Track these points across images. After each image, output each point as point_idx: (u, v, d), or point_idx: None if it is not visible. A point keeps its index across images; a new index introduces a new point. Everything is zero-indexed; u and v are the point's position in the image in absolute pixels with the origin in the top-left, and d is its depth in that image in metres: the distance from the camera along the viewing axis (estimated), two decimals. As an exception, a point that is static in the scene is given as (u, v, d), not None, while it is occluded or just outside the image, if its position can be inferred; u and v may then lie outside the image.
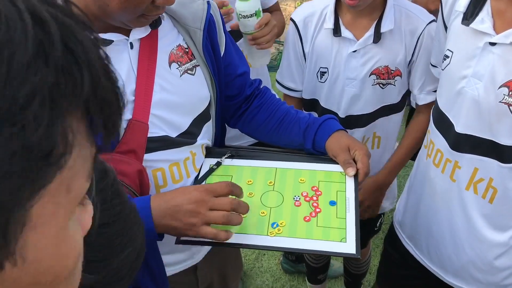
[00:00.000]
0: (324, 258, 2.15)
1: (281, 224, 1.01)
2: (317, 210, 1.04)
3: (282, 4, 4.62)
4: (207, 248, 1.23)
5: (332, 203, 1.06)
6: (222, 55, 1.13)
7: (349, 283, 2.26)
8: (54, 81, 0.27)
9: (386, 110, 1.53)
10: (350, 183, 1.10)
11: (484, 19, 1.05)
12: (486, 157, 1.10)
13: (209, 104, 1.13)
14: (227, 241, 0.95)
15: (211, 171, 1.13)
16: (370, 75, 1.44)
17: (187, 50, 1.06)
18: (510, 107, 1.02)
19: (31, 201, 0.27)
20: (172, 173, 1.05)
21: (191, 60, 1.07)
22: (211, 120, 1.15)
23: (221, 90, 1.15)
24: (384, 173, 1.62)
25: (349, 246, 0.97)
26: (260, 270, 2.55)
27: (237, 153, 1.18)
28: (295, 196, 1.08)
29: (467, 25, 1.08)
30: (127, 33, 0.96)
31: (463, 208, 1.18)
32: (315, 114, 1.58)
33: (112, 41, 0.93)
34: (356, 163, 1.10)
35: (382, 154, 1.63)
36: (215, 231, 0.91)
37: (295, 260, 2.46)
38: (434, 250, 1.31)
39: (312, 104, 1.59)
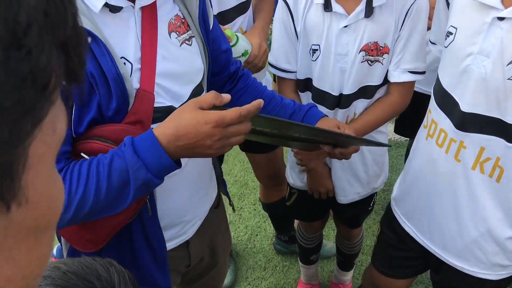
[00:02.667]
0: (316, 239, 2.14)
1: None
2: None
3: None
4: (198, 223, 1.24)
5: None
6: (210, 28, 1.13)
7: (342, 263, 2.25)
8: (44, 9, 0.26)
9: (368, 92, 1.49)
10: None
11: None
12: (493, 136, 1.08)
13: (202, 77, 1.12)
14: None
15: None
16: (359, 52, 1.40)
17: (183, 20, 1.05)
18: None
19: (31, 137, 0.27)
20: None
21: (187, 31, 1.06)
22: (203, 93, 1.14)
23: (211, 64, 1.15)
24: None
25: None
26: (253, 250, 2.54)
27: None
28: None
29: None
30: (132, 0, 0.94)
31: (468, 187, 1.16)
32: (309, 95, 1.55)
33: (122, 7, 0.92)
34: None
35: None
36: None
37: (288, 241, 2.45)
38: (436, 231, 1.30)
39: (307, 84, 1.55)
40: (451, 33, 1.14)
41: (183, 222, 1.18)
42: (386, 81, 1.49)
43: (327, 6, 1.37)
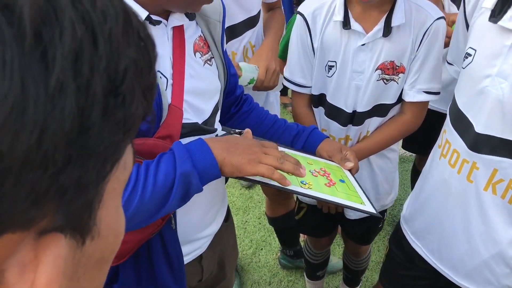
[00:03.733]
0: (324, 255, 2.14)
1: (308, 183, 1.08)
2: (332, 182, 1.14)
3: None
4: (211, 237, 1.26)
5: (341, 181, 1.17)
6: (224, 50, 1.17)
7: (348, 279, 2.25)
8: (135, 59, 0.28)
9: (382, 110, 1.50)
10: (348, 173, 1.25)
11: None
12: (506, 158, 1.08)
13: (219, 96, 1.16)
14: (273, 183, 1.00)
15: None
16: (376, 70, 1.41)
17: (205, 41, 1.10)
18: None
19: (109, 176, 0.28)
20: None
21: (208, 52, 1.10)
22: (218, 112, 1.18)
23: (227, 84, 1.19)
24: None
25: (369, 208, 1.09)
26: (258, 265, 2.53)
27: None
28: (310, 170, 1.15)
29: (495, 22, 1.05)
30: (166, 18, 0.98)
31: (480, 208, 1.16)
32: (322, 110, 1.56)
33: (160, 21, 0.96)
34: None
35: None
36: (271, 170, 0.95)
37: (293, 256, 2.44)
38: (446, 251, 1.29)
39: (320, 100, 1.56)
40: (469, 55, 1.15)
41: (199, 237, 1.19)
42: (400, 99, 1.50)
43: (345, 24, 1.39)
